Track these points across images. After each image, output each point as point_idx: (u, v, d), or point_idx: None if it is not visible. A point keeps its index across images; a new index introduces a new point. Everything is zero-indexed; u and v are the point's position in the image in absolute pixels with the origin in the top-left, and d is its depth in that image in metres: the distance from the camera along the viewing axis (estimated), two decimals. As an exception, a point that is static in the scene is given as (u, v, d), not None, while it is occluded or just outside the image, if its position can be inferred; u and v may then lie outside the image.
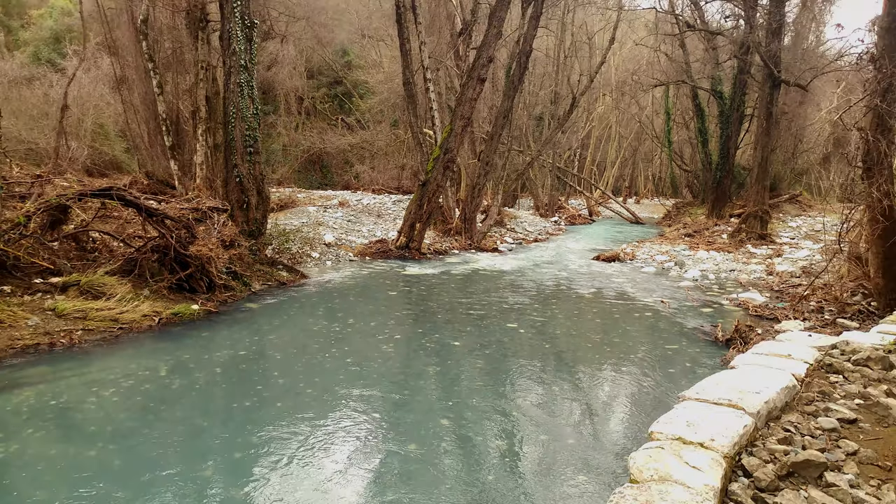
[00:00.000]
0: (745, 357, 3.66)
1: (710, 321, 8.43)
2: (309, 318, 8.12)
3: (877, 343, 3.66)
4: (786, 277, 12.29)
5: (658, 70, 28.19)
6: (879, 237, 6.52)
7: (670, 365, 6.40)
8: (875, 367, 3.13)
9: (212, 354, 6.37)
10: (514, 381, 5.82)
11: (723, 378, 3.23)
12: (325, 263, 12.59)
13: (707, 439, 2.46)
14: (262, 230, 9.76)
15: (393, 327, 7.68)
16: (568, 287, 11.12)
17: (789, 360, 3.39)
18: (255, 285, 9.65)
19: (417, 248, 14.23)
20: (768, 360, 3.46)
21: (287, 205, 17.42)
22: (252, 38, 9.10)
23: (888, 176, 5.97)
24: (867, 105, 6.03)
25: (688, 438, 2.49)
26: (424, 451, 4.26)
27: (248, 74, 9.14)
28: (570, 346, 7.12)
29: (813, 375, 3.10)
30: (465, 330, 7.62)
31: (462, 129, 13.82)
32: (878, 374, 3.04)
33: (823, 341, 3.62)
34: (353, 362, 6.22)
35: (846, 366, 3.14)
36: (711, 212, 24.94)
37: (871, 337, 3.96)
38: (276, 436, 4.43)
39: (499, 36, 13.96)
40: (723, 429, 2.54)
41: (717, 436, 2.48)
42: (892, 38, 5.90)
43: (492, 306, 9.14)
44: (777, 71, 14.96)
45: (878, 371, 3.08)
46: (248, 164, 9.33)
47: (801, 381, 3.08)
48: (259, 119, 9.45)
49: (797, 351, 3.57)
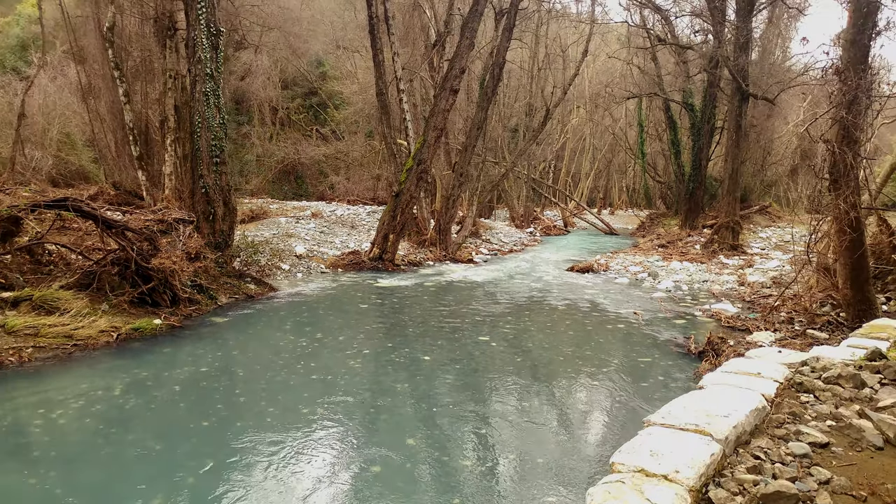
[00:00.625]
0: (713, 376, 3.56)
1: (683, 333, 8.41)
2: (276, 332, 7.89)
3: (847, 358, 3.61)
4: (757, 288, 12.39)
5: (631, 83, 28.57)
6: (847, 249, 6.56)
7: (643, 378, 6.33)
8: (846, 384, 3.06)
9: (172, 371, 6.11)
10: (482, 399, 5.67)
11: (690, 400, 3.12)
12: (296, 276, 12.35)
13: (671, 471, 2.33)
14: (228, 242, 9.51)
15: (362, 342, 7.49)
16: (541, 298, 11.04)
17: (759, 379, 3.30)
18: (222, 298, 9.39)
19: (391, 259, 14.05)
20: (737, 380, 3.36)
21: (259, 216, 17.11)
22: (218, 46, 8.90)
23: (854, 188, 6.02)
24: (833, 117, 6.08)
25: (651, 470, 2.36)
26: (389, 474, 4.09)
27: (214, 83, 8.92)
28: (542, 360, 7.01)
29: (783, 395, 3.01)
30: (437, 344, 7.47)
31: (435, 140, 13.73)
32: (850, 392, 2.97)
33: (793, 357, 3.55)
34: (318, 379, 6.01)
35: (817, 384, 3.06)
36: (684, 223, 25.22)
37: (841, 351, 3.91)
38: (234, 460, 4.22)
39: (471, 47, 13.94)
40: (689, 459, 2.41)
41: (683, 467, 2.35)
42: (856, 51, 5.96)
43: (464, 319, 9.00)
44: (745, 85, 15.20)
45: (849, 389, 3.01)
46: (214, 175, 9.09)
47: (772, 401, 2.99)
48: (226, 129, 9.23)
49: (767, 368, 3.47)
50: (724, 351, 6.97)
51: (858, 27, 6.00)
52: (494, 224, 30.91)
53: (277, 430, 4.76)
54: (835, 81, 6.07)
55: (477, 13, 13.61)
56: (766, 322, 8.80)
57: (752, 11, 16.02)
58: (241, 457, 4.25)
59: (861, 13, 6.10)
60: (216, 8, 8.95)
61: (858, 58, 5.94)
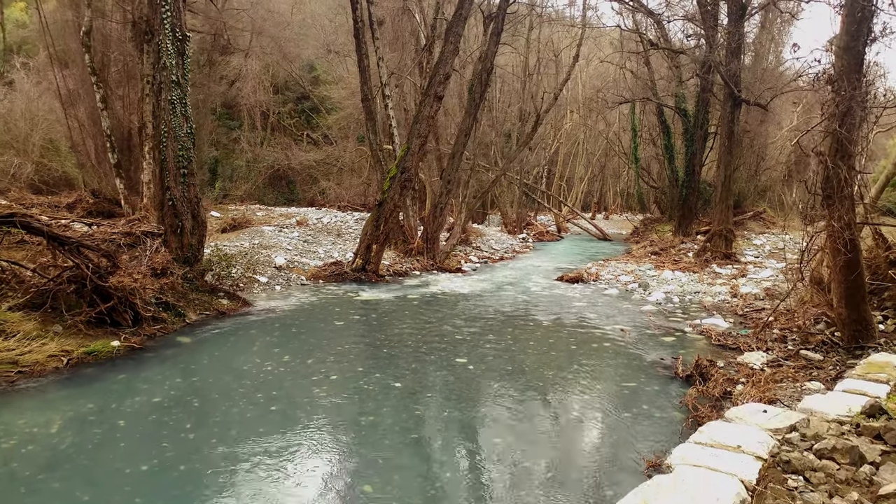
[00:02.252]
0: (685, 450, 3.10)
1: (672, 352, 8.03)
2: (241, 354, 7.48)
3: (843, 415, 3.22)
4: (750, 300, 12.04)
5: (624, 87, 28.27)
6: (842, 269, 6.19)
7: (626, 407, 5.94)
8: (842, 460, 2.66)
9: (121, 403, 5.69)
10: (449, 437, 5.28)
11: (651, 495, 2.66)
12: (274, 289, 11.93)
13: None
14: (198, 256, 9.10)
15: (331, 365, 7.08)
16: (527, 313, 10.66)
17: (739, 456, 2.89)
18: (191, 316, 8.97)
19: (374, 270, 13.65)
20: (714, 456, 2.90)
21: (241, 224, 16.70)
22: (184, 51, 8.50)
23: (849, 206, 5.66)
24: (826, 129, 5.73)
25: None
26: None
27: (181, 91, 8.53)
28: (520, 386, 6.61)
29: (768, 478, 2.60)
30: (410, 367, 7.07)
31: (419, 148, 13.35)
32: (846, 471, 2.57)
33: (780, 421, 3.14)
34: (277, 411, 5.61)
35: (808, 460, 2.65)
36: (678, 229, 24.89)
37: (835, 404, 3.48)
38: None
39: (455, 52, 13.58)
40: None
41: None
42: (850, 59, 5.61)
43: (443, 337, 8.61)
44: (737, 90, 14.87)
45: (845, 467, 2.62)
46: (181, 187, 8.69)
47: (753, 489, 2.58)
48: (193, 138, 8.84)
49: (748, 440, 3.01)
50: (712, 375, 6.59)
51: (852, 33, 5.64)
52: (486, 230, 30.54)
53: (223, 474, 4.36)
54: (827, 91, 5.72)
55: (461, 17, 13.25)
56: (758, 339, 8.43)
57: (743, 16, 15.71)
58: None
59: (855, 18, 5.76)
60: (182, 12, 8.56)
61: (852, 66, 5.58)
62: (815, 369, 6.75)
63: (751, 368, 7.02)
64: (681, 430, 5.25)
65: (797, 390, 5.65)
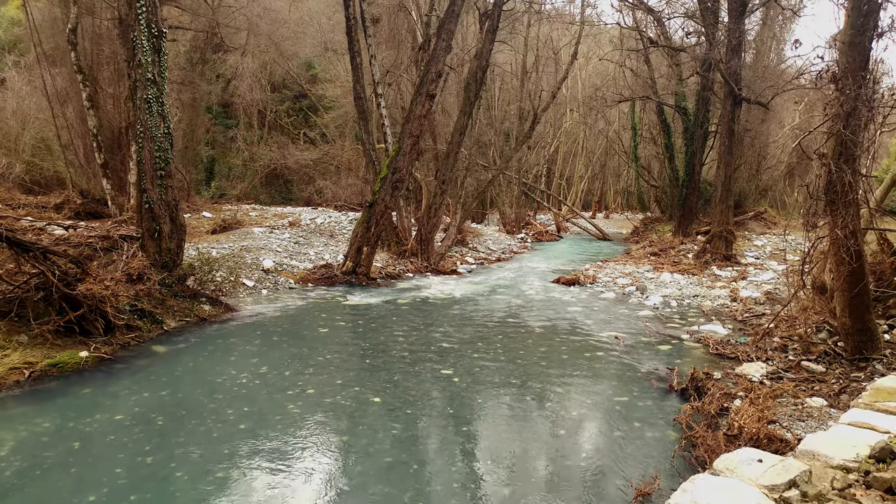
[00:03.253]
0: None
1: (667, 362, 7.69)
2: (217, 364, 7.16)
3: (849, 458, 2.88)
4: (750, 305, 11.69)
5: (623, 86, 27.89)
6: (846, 280, 5.85)
7: (616, 425, 5.60)
8: None
9: (80, 421, 5.37)
10: (424, 460, 4.96)
11: None
12: (261, 293, 11.61)
13: None
14: (177, 261, 8.78)
15: (309, 378, 6.75)
16: (520, 318, 10.32)
17: None
18: (170, 322, 8.65)
19: (365, 273, 13.32)
20: None
21: (231, 226, 16.37)
22: (161, 48, 8.16)
23: (854, 213, 5.32)
24: (829, 131, 5.39)
25: None
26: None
27: (157, 89, 8.19)
28: (506, 402, 6.29)
29: None
30: (392, 380, 6.74)
31: (411, 148, 13.01)
32: None
33: (778, 474, 2.77)
34: (246, 430, 5.28)
35: None
36: (678, 229, 24.53)
37: (840, 441, 3.09)
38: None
39: (448, 49, 13.23)
40: None
41: None
42: (855, 55, 5.27)
43: (430, 345, 8.28)
44: (738, 88, 14.52)
45: None
46: (159, 189, 8.35)
47: None
48: (171, 139, 8.50)
49: (742, 501, 2.60)
50: (708, 389, 6.26)
51: (857, 28, 5.29)
52: (484, 230, 30.21)
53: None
54: (831, 89, 5.38)
55: (453, 14, 12.90)
56: (757, 349, 8.09)
57: (744, 12, 15.35)
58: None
59: (860, 12, 5.41)
60: (159, 7, 8.23)
61: (857, 63, 5.24)
62: (817, 383, 6.42)
63: (749, 381, 6.69)
64: (674, 452, 4.92)
65: (798, 408, 5.32)
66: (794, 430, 4.84)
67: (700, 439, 4.99)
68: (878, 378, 4.25)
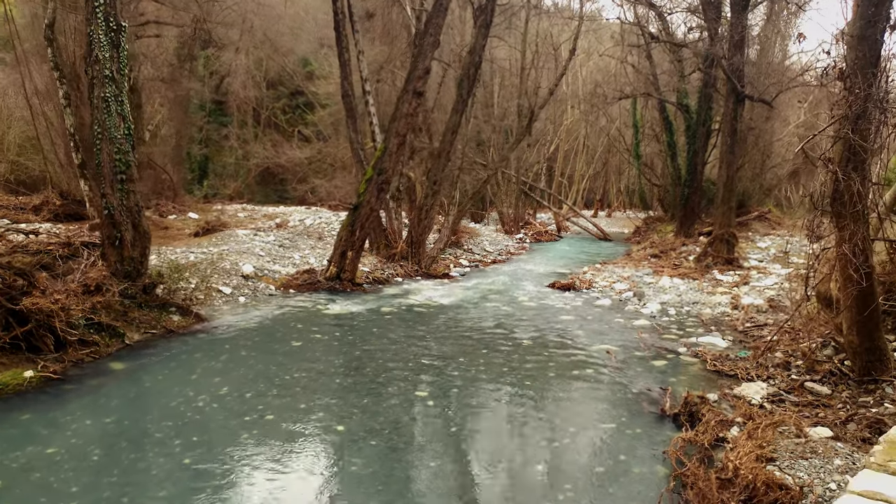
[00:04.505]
0: None
1: (661, 380, 7.16)
2: (175, 384, 6.65)
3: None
4: (751, 313, 11.14)
5: (624, 82, 27.29)
6: (854, 298, 5.31)
7: (600, 459, 5.08)
8: None
9: (6, 455, 4.87)
10: (387, 500, 4.44)
11: None
12: (238, 300, 11.11)
13: None
14: (140, 270, 8.27)
15: (271, 401, 6.24)
16: (507, 329, 9.80)
17: None
18: (134, 336, 8.16)
19: (350, 278, 12.81)
20: None
21: (215, 228, 15.87)
22: (119, 44, 7.65)
23: (864, 224, 4.78)
24: (836, 134, 4.84)
25: None
26: None
27: (116, 87, 7.68)
28: (480, 430, 5.77)
29: None
30: (361, 404, 6.23)
31: (397, 148, 12.49)
32: None
33: None
34: (189, 466, 4.78)
35: None
36: (679, 230, 23.95)
37: None
38: None
39: (436, 45, 12.68)
40: None
41: None
42: (865, 49, 4.72)
43: (408, 361, 7.76)
44: (740, 85, 13.94)
45: None
46: (119, 194, 7.84)
47: None
48: (132, 140, 7.98)
49: None
50: (703, 415, 5.73)
51: (868, 18, 4.74)
52: (482, 230, 29.69)
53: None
54: (837, 87, 4.84)
55: (441, 8, 12.35)
56: (758, 366, 7.55)
57: (747, 7, 14.75)
58: None
59: (871, 1, 4.86)
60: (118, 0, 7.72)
61: (868, 58, 4.70)
62: (821, 408, 5.88)
63: (749, 404, 6.16)
64: (661, 495, 4.40)
65: (801, 443, 4.78)
66: (797, 471, 4.30)
67: (691, 478, 4.47)
68: (893, 428, 3.70)
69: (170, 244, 14.22)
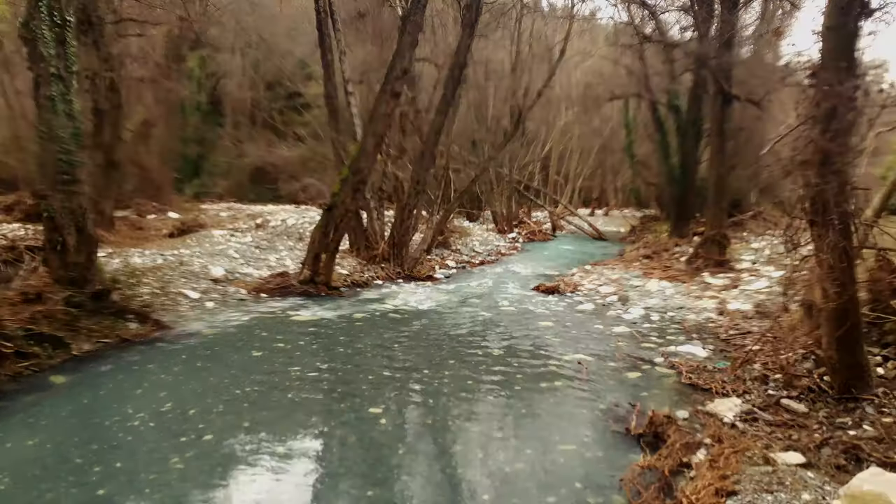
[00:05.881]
0: None
1: (632, 395, 6.78)
2: (116, 401, 6.28)
3: None
4: (737, 319, 10.75)
5: (617, 83, 26.90)
6: (832, 314, 4.92)
7: (552, 489, 4.69)
8: None
9: None
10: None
11: None
12: (206, 305, 10.73)
13: None
14: (87, 276, 7.89)
15: (214, 418, 5.86)
16: (481, 337, 9.42)
17: None
18: (83, 346, 7.79)
19: (325, 282, 12.44)
20: None
21: (191, 229, 15.50)
22: (65, 40, 7.29)
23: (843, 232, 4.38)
24: (806, 136, 4.46)
25: None
26: None
27: (64, 85, 7.31)
28: (431, 453, 5.40)
29: None
30: (309, 422, 5.85)
31: (374, 148, 12.12)
32: None
33: None
34: (102, 498, 4.40)
35: None
36: (673, 230, 23.57)
37: None
38: None
39: (414, 44, 12.30)
40: None
41: None
42: (837, 40, 4.32)
43: (369, 374, 7.39)
44: (728, 85, 13.54)
45: None
46: (62, 196, 7.46)
47: None
48: (80, 140, 7.61)
49: None
50: (668, 436, 5.35)
51: (841, 8, 4.34)
52: (474, 230, 29.33)
53: None
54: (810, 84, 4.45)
55: (419, 5, 11.97)
56: (735, 379, 7.17)
57: (737, 4, 14.36)
58: None
59: (847, -11, 4.47)
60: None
61: (840, 50, 4.30)
62: (796, 428, 5.49)
63: (721, 423, 5.78)
64: (611, 531, 4.02)
65: (769, 472, 4.40)
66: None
67: (647, 512, 4.10)
68: (856, 478, 3.33)
69: (141, 245, 13.86)
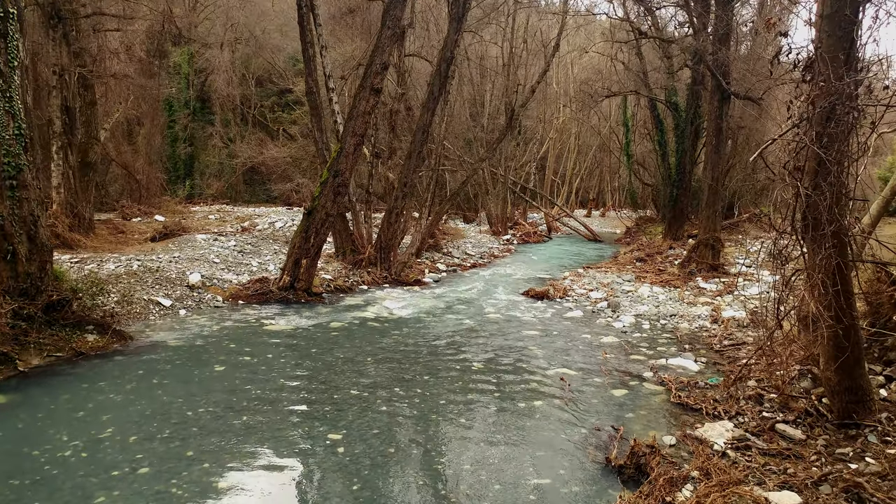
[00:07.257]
0: None
1: (616, 417, 6.31)
2: (53, 424, 5.79)
3: None
4: (731, 328, 10.29)
5: (615, 80, 26.40)
6: (829, 337, 4.45)
7: (517, 530, 4.22)
8: None
9: None
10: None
11: None
12: (179, 313, 10.27)
13: None
14: (40, 287, 7.42)
15: (157, 446, 5.38)
16: (462, 348, 8.94)
17: None
18: (32, 360, 7.32)
19: (305, 288, 11.96)
20: None
21: (173, 232, 15.03)
22: (7, 33, 6.80)
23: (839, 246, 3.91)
24: (802, 139, 3.98)
25: None
26: None
27: (4, 81, 6.83)
28: (387, 487, 4.92)
29: None
30: (260, 450, 5.37)
31: (354, 148, 11.63)
32: None
33: None
34: (9, 544, 3.94)
35: None
36: (668, 232, 23.10)
37: None
38: None
39: (394, 38, 11.81)
40: None
41: None
42: (834, 30, 3.84)
43: (335, 392, 6.91)
44: (726, 82, 13.05)
45: None
46: (10, 202, 6.99)
47: None
48: (24, 142, 7.11)
49: None
50: (651, 469, 4.87)
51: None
52: (468, 231, 28.89)
53: None
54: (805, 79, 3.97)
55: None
56: (728, 397, 6.70)
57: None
58: None
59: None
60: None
61: (837, 41, 3.83)
62: (792, 459, 5.02)
63: (710, 450, 5.31)
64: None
65: (758, 516, 3.92)
66: (747, 561, 3.45)
67: (621, 563, 3.62)
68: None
69: (119, 250, 13.40)
